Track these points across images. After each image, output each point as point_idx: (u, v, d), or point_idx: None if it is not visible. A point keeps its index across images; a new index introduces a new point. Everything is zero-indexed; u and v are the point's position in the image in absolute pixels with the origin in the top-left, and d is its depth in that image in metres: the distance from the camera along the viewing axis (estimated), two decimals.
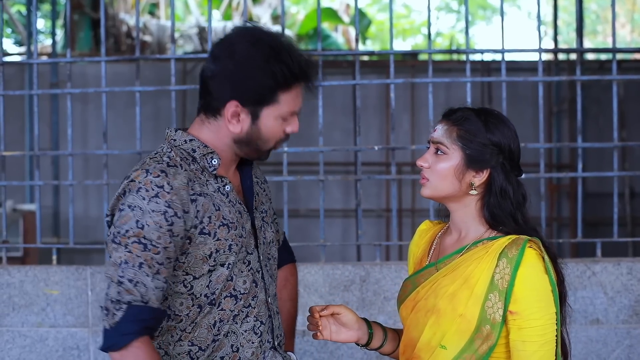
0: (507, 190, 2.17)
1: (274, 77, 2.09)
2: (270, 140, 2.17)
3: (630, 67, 11.05)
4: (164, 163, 2.09)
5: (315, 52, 3.99)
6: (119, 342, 1.98)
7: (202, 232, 2.09)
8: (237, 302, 2.15)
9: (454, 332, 2.11)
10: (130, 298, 1.99)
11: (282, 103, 2.13)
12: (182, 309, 2.12)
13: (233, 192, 2.18)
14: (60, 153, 4.24)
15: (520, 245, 2.10)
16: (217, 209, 2.12)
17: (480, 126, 2.16)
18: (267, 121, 2.14)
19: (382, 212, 10.63)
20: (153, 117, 9.88)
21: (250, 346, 2.19)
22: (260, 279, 2.22)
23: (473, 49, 3.99)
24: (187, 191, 2.07)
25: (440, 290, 2.16)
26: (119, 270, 2.01)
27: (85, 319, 3.78)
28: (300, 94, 2.16)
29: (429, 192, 2.20)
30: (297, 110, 2.17)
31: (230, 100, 2.12)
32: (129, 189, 2.05)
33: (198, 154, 2.14)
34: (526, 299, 2.08)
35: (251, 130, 2.14)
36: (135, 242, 2.02)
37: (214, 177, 2.16)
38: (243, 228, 2.17)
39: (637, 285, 3.68)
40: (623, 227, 9.93)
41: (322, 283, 3.71)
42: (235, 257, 2.13)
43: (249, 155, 2.21)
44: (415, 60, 10.81)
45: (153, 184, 2.04)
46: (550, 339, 2.08)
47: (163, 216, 2.03)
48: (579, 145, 3.95)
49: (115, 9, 13.29)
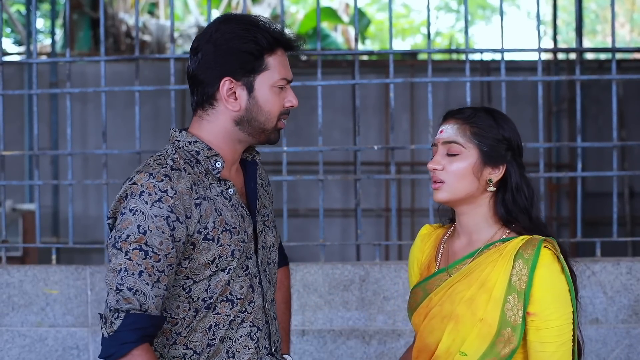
0: (521, 185, 2.16)
1: (256, 42, 2.09)
2: (271, 113, 2.14)
3: (630, 66, 11.05)
4: (168, 167, 2.06)
5: (314, 52, 3.99)
6: (119, 351, 1.96)
7: (206, 238, 2.06)
8: (233, 306, 2.12)
9: (475, 338, 2.09)
10: (129, 307, 1.97)
11: (271, 69, 2.12)
12: (178, 312, 2.10)
13: (236, 196, 2.15)
14: (59, 153, 4.24)
15: (536, 245, 2.08)
16: (220, 214, 2.08)
17: (491, 122, 2.15)
18: (263, 91, 2.13)
19: (381, 212, 10.63)
20: (152, 116, 9.89)
21: (247, 352, 2.15)
22: (258, 284, 2.18)
23: (472, 49, 3.99)
24: (190, 195, 2.04)
25: (457, 296, 2.14)
26: (118, 277, 1.99)
27: (84, 318, 3.78)
28: (286, 60, 2.16)
29: (445, 196, 2.15)
30: (289, 78, 2.16)
31: (222, 78, 2.11)
32: (132, 192, 2.02)
33: (202, 157, 2.11)
34: (544, 300, 2.06)
35: (250, 105, 2.12)
36: (136, 248, 1.98)
37: (218, 180, 2.13)
38: (245, 233, 2.14)
39: (637, 284, 3.68)
40: (622, 226, 9.93)
41: (321, 283, 3.71)
42: (236, 263, 2.11)
43: (257, 138, 2.16)
44: (414, 60, 10.80)
45: (157, 188, 2.00)
46: (568, 339, 2.07)
47: (165, 221, 2.00)
48: (578, 145, 3.95)
49: (114, 9, 13.28)
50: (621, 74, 9.61)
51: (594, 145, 4.08)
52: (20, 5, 15.44)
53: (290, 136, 8.83)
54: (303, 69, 10.73)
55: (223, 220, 2.08)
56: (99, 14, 11.91)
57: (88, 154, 4.65)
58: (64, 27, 12.75)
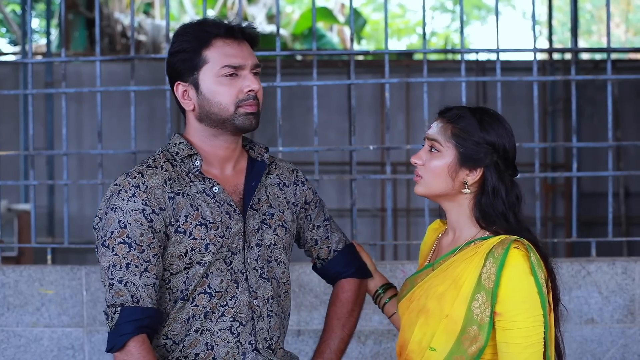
0: (499, 189, 2.15)
1: (189, 41, 2.20)
2: (222, 103, 2.20)
3: (625, 66, 11.07)
4: (145, 165, 2.22)
5: (310, 52, 3.99)
6: (118, 342, 2.10)
7: (177, 231, 2.17)
8: (211, 299, 2.19)
9: (441, 333, 2.10)
10: (122, 300, 2.11)
11: (211, 61, 2.20)
12: (161, 303, 2.20)
13: (223, 193, 2.23)
14: (55, 153, 4.24)
15: (506, 245, 2.08)
16: (197, 209, 2.18)
17: (475, 124, 2.16)
18: (207, 83, 2.21)
19: (377, 212, 10.64)
20: (148, 116, 9.87)
21: (225, 345, 2.21)
22: (244, 280, 2.23)
23: (468, 49, 4.00)
24: (163, 190, 2.17)
25: (431, 290, 2.16)
26: (109, 273, 2.13)
27: (80, 318, 3.78)
28: (232, 48, 2.21)
29: (422, 190, 2.20)
30: (236, 64, 2.20)
31: (174, 84, 2.25)
32: (112, 192, 2.18)
33: (180, 157, 2.23)
34: (510, 300, 2.05)
35: (200, 100, 2.22)
36: (120, 242, 2.13)
37: (202, 179, 2.22)
38: (228, 229, 2.20)
39: (632, 284, 3.69)
40: (618, 226, 9.93)
41: (317, 283, 3.71)
42: (212, 257, 2.18)
43: (225, 129, 2.23)
44: (410, 60, 10.81)
45: (130, 185, 2.16)
46: (536, 341, 2.05)
47: (142, 214, 2.14)
48: (573, 145, 3.95)
49: (110, 9, 13.27)
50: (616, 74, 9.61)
51: (589, 146, 4.09)
52: (15, 5, 15.40)
53: (286, 136, 8.83)
54: (299, 69, 10.74)
55: (199, 215, 2.18)
56: (94, 13, 11.91)
57: (83, 154, 4.65)
58: (59, 27, 12.73)
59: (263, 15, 15.10)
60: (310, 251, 2.49)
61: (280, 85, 3.94)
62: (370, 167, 10.41)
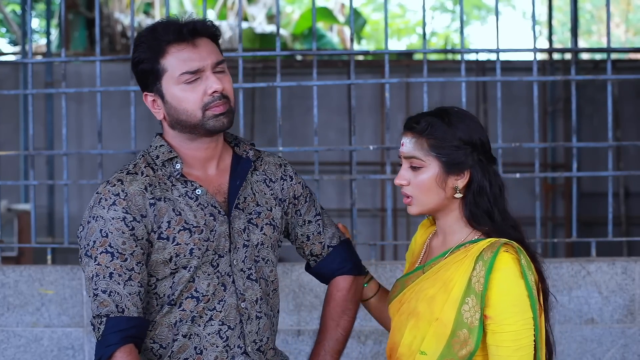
0: (484, 186, 2.14)
1: (145, 51, 2.18)
2: (188, 109, 2.16)
3: (625, 66, 11.06)
4: (125, 172, 2.18)
5: (310, 52, 3.99)
6: (105, 353, 2.08)
7: (161, 237, 2.13)
8: (198, 303, 2.16)
9: (432, 337, 2.09)
10: (107, 310, 2.08)
11: (169, 69, 2.16)
12: (148, 308, 2.18)
13: (207, 195, 2.19)
14: (54, 153, 4.24)
15: (495, 248, 2.07)
16: (179, 214, 2.15)
17: (446, 129, 2.13)
18: (171, 92, 2.17)
19: (377, 212, 10.64)
20: (147, 116, 9.79)
21: (214, 350, 2.18)
22: (231, 282, 2.20)
23: (468, 49, 4.00)
24: (144, 196, 2.14)
25: (421, 293, 2.15)
26: (93, 283, 2.11)
27: (80, 318, 3.78)
28: (188, 52, 2.16)
29: (416, 209, 2.18)
30: (193, 69, 2.15)
31: (144, 95, 2.23)
32: (94, 201, 2.15)
33: (160, 160, 2.20)
34: (500, 304, 2.05)
35: (167, 109, 2.19)
36: (103, 252, 2.10)
37: (183, 182, 2.19)
38: (213, 231, 2.16)
39: (632, 284, 3.69)
40: (618, 226, 9.93)
41: (317, 283, 3.70)
42: (198, 261, 2.15)
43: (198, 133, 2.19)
44: (410, 60, 10.80)
45: (110, 193, 2.13)
46: (526, 344, 2.05)
47: (123, 222, 2.11)
48: (573, 145, 3.95)
49: (110, 9, 13.27)
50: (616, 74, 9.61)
51: (589, 146, 4.08)
52: (15, 5, 15.40)
53: (286, 136, 8.83)
54: (298, 69, 10.75)
55: (182, 219, 2.14)
56: (94, 13, 11.91)
57: (83, 154, 4.65)
58: (59, 27, 12.73)
59: (263, 15, 15.10)
60: (302, 248, 2.41)
61: (280, 85, 3.94)
62: (370, 167, 10.41)
